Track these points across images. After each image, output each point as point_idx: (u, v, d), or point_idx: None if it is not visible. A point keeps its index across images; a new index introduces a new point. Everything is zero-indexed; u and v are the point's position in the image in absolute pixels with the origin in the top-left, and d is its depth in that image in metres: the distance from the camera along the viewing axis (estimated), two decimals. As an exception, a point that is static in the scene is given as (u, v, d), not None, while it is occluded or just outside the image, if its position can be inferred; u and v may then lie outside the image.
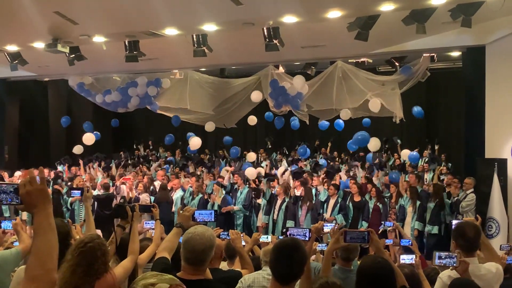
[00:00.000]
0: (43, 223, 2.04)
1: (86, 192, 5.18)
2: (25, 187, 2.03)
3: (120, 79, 16.37)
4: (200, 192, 12.36)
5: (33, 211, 2.06)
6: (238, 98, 15.36)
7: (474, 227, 4.19)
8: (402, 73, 13.37)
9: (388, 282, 3.25)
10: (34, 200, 2.04)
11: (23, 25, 10.19)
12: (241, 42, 11.77)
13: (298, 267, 3.15)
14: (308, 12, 9.35)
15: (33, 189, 2.03)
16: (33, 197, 2.04)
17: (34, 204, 2.04)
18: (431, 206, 10.48)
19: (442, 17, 9.12)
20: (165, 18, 9.70)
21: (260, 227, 12.05)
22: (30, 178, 2.05)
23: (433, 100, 17.94)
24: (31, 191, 2.03)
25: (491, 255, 4.46)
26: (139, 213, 4.64)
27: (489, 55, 10.90)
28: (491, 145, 10.77)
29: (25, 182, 2.04)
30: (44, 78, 17.44)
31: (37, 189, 2.05)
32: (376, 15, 9.06)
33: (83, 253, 3.13)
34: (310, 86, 14.16)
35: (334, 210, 11.19)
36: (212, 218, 4.27)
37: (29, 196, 2.03)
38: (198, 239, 3.28)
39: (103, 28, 10.59)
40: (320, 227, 4.26)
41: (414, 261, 5.30)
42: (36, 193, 2.04)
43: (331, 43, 11.91)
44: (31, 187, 2.03)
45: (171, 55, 13.00)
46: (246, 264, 4.97)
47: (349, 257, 4.46)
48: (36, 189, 2.04)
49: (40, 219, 2.04)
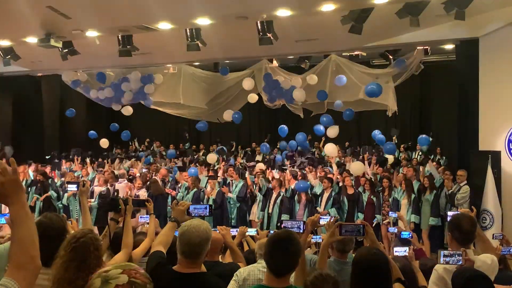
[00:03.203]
0: (19, 213, 2.06)
1: (82, 186, 5.10)
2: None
3: (113, 74, 16.30)
4: (195, 186, 12.33)
5: (7, 202, 2.06)
6: (231, 92, 15.34)
7: (470, 219, 4.19)
8: (396, 66, 13.40)
9: (383, 273, 3.25)
10: (7, 190, 2.04)
11: (16, 19, 10.12)
12: (234, 36, 11.74)
13: (292, 260, 3.16)
14: (301, 5, 9.33)
15: (5, 180, 2.04)
16: (6, 188, 2.04)
17: (8, 195, 2.05)
18: (429, 198, 10.52)
19: (436, 9, 9.11)
20: (158, 12, 9.65)
21: (253, 221, 12.05)
22: (2, 168, 2.05)
23: (426, 93, 18.00)
24: (3, 181, 2.03)
25: (486, 246, 4.47)
26: (132, 206, 4.63)
27: (483, 48, 10.92)
28: (484, 137, 10.80)
29: None
30: (37, 74, 17.37)
31: (10, 179, 2.05)
32: (370, 8, 9.05)
33: (75, 248, 3.11)
34: (303, 80, 14.15)
35: (328, 204, 11.21)
36: (207, 213, 4.27)
37: (2, 187, 2.03)
38: (194, 231, 3.29)
39: (96, 23, 10.53)
40: (316, 219, 4.26)
41: (407, 254, 5.31)
42: (9, 183, 2.04)
43: (325, 37, 11.89)
44: (3, 177, 2.04)
45: (164, 49, 12.95)
46: (238, 257, 5.01)
47: (344, 249, 4.46)
48: (9, 180, 2.05)
49: (16, 209, 2.06)
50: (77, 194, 10.05)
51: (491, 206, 9.84)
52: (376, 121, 16.75)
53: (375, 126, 16.24)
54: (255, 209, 12.16)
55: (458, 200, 10.14)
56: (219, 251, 5.03)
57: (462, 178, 10.40)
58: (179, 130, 19.45)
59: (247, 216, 12.29)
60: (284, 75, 14.27)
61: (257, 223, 11.87)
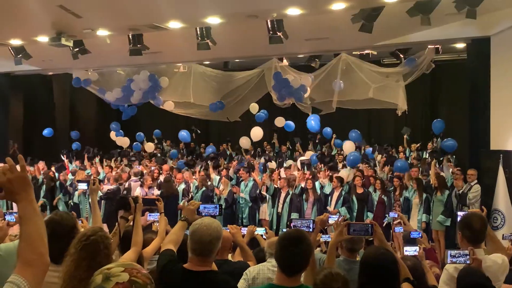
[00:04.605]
0: (28, 209, 2.06)
1: (92, 184, 5.11)
2: (5, 175, 2.05)
3: (124, 73, 16.35)
4: (204, 185, 12.35)
5: (15, 199, 2.08)
6: (241, 91, 15.33)
7: (480, 218, 4.18)
8: (406, 65, 13.33)
9: (390, 273, 3.25)
10: (15, 187, 2.05)
11: (27, 19, 10.18)
12: (244, 35, 11.74)
13: (304, 259, 3.18)
14: (312, 4, 9.32)
15: (14, 177, 2.05)
16: (15, 185, 2.05)
17: (16, 192, 2.06)
18: (441, 198, 10.47)
19: (447, 8, 9.05)
20: (169, 11, 9.68)
21: (264, 220, 12.06)
22: (10, 166, 2.07)
23: (437, 92, 17.89)
24: (12, 178, 2.05)
25: (496, 246, 4.45)
26: (142, 205, 4.65)
27: (494, 47, 10.83)
28: (496, 137, 10.71)
29: (4, 170, 2.06)
30: (48, 72, 17.44)
31: (18, 176, 2.06)
32: (381, 6, 9.01)
33: (86, 246, 3.12)
34: (313, 79, 14.13)
35: (338, 203, 11.19)
36: (217, 212, 4.29)
37: (10, 184, 2.05)
38: (205, 229, 3.30)
39: (106, 22, 10.58)
40: (325, 219, 4.26)
41: (417, 253, 5.28)
42: (17, 180, 2.06)
43: (335, 36, 11.86)
44: (12, 174, 2.05)
45: (174, 48, 12.98)
46: (248, 256, 5.03)
47: (354, 248, 4.46)
48: (17, 176, 2.06)
49: (24, 205, 2.06)
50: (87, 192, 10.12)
51: (502, 206, 9.77)
52: (386, 120, 16.69)
53: (386, 125, 16.21)
54: (265, 208, 12.17)
55: (470, 200, 10.07)
56: (229, 250, 5.05)
57: (472, 178, 10.32)
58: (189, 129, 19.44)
59: (257, 215, 12.32)
60: (294, 74, 14.24)
61: (266, 222, 11.90)
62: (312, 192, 11.43)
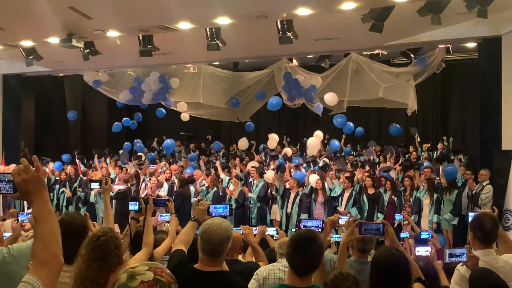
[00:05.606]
0: (42, 209, 2.08)
1: (105, 184, 5.09)
2: (19, 175, 2.06)
3: (134, 74, 16.39)
4: (215, 186, 12.38)
5: (30, 199, 2.09)
6: (251, 91, 15.33)
7: (492, 218, 4.15)
8: (417, 65, 13.28)
9: (402, 273, 3.23)
10: (30, 187, 2.07)
11: (38, 20, 10.23)
12: (254, 35, 11.74)
13: (315, 259, 3.19)
14: (321, 4, 9.31)
15: (29, 177, 2.07)
16: (29, 185, 2.07)
17: (31, 192, 2.08)
18: (450, 198, 10.43)
19: (458, 7, 9.01)
20: (179, 12, 9.69)
21: (275, 220, 12.06)
22: (25, 166, 2.08)
23: (448, 92, 17.81)
24: (27, 179, 2.06)
25: (508, 246, 4.42)
26: (152, 206, 4.66)
27: (505, 46, 10.75)
28: (507, 136, 10.64)
29: (19, 170, 2.07)
30: (59, 74, 17.50)
31: (33, 176, 2.08)
32: (391, 6, 8.98)
33: (96, 247, 3.13)
34: (323, 79, 14.10)
35: (349, 203, 11.17)
36: (227, 212, 4.30)
37: (25, 184, 2.06)
38: (216, 229, 3.30)
39: (117, 23, 10.61)
40: (336, 219, 4.25)
41: (429, 253, 5.26)
42: (32, 180, 2.07)
43: (345, 35, 11.82)
44: (27, 175, 2.07)
45: (184, 49, 12.99)
46: (260, 257, 5.03)
47: (365, 248, 4.44)
48: (32, 177, 2.08)
49: (39, 206, 2.08)
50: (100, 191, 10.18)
51: (515, 206, 9.71)
52: (396, 120, 16.59)
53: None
54: (275, 208, 12.18)
55: (482, 200, 10.02)
56: (239, 250, 5.05)
57: (484, 178, 10.27)
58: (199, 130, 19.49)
59: (268, 216, 12.31)
60: (304, 74, 14.22)
61: (277, 222, 11.91)
62: (321, 192, 11.41)
